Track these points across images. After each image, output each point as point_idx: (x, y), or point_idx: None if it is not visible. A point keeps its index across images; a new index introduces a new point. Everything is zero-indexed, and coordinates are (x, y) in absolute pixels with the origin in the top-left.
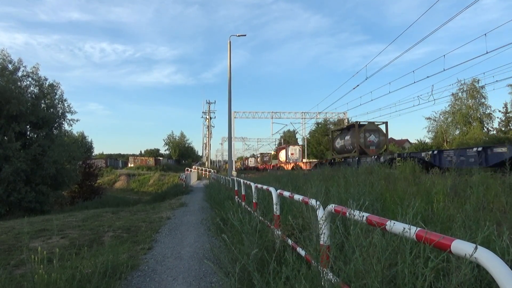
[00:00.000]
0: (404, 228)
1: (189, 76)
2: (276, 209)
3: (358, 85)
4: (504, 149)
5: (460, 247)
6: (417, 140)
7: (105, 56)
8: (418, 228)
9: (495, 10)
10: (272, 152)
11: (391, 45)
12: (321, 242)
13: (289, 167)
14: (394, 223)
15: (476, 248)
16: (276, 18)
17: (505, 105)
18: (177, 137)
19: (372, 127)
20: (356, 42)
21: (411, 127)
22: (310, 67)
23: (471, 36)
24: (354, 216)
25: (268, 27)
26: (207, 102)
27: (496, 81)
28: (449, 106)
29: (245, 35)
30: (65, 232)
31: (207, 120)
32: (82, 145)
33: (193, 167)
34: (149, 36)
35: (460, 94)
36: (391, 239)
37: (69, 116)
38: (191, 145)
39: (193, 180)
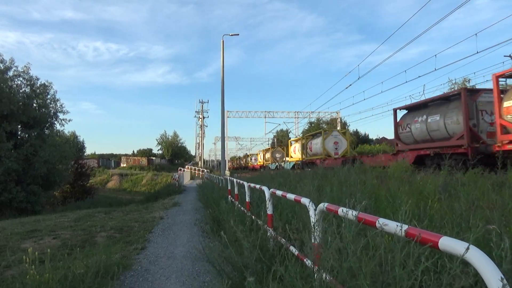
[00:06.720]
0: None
1: (183, 75)
2: (268, 208)
3: (350, 85)
4: None
5: (447, 243)
6: None
7: (98, 55)
8: (408, 226)
9: (487, 10)
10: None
11: (384, 44)
12: (313, 241)
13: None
14: (386, 223)
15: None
16: (271, 17)
17: None
18: (170, 137)
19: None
20: (351, 42)
21: None
22: (304, 66)
23: (463, 36)
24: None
25: (263, 26)
26: (200, 102)
27: (487, 80)
28: None
29: (238, 35)
30: (57, 233)
31: (200, 119)
32: (74, 145)
33: (186, 167)
34: (143, 35)
35: None
36: (381, 238)
37: (61, 115)
38: (184, 144)
39: (186, 180)
